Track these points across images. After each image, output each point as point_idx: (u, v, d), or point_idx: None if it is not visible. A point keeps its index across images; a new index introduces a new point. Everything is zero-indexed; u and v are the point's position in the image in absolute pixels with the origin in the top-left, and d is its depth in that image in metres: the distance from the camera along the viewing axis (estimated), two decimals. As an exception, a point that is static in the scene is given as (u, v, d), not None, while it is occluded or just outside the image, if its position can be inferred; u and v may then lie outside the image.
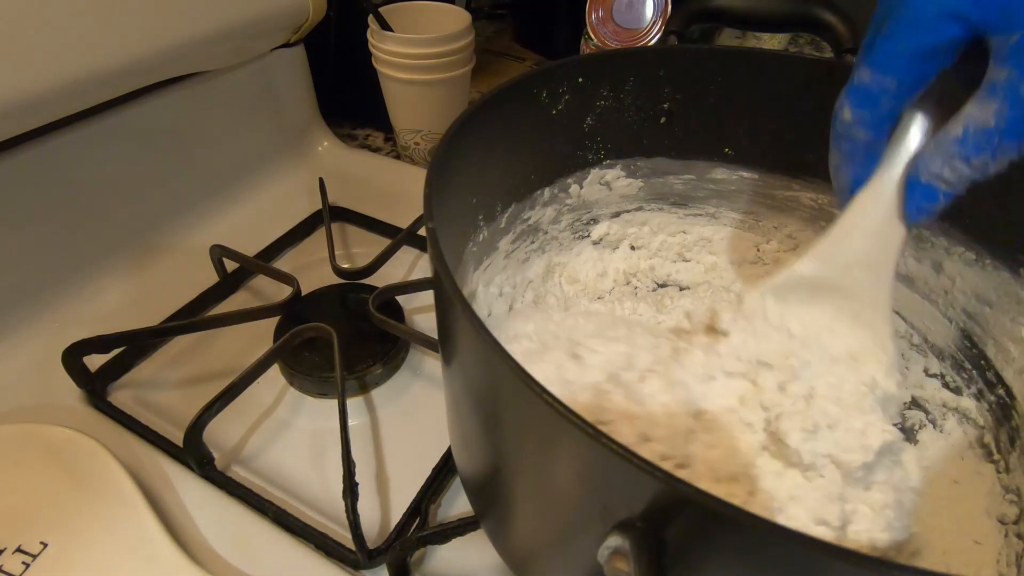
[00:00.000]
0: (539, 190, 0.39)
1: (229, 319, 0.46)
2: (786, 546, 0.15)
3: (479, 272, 0.36)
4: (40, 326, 0.47)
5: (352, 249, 0.58)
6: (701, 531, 0.16)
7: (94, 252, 0.51)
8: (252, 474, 0.40)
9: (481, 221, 0.35)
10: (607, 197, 0.43)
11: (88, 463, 0.36)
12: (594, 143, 0.40)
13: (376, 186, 0.65)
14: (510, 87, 0.32)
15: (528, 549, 0.28)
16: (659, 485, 0.15)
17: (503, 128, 0.33)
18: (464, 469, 0.33)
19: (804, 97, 0.38)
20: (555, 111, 0.36)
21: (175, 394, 0.45)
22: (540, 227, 0.41)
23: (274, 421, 0.43)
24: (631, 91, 0.38)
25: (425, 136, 0.67)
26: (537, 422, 0.20)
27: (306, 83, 0.67)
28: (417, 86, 0.62)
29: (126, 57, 0.44)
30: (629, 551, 0.16)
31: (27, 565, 0.32)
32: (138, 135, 0.52)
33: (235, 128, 0.61)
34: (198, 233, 0.56)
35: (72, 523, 0.34)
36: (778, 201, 0.42)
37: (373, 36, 0.61)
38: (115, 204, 0.52)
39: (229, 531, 0.36)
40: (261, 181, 0.63)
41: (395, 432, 0.43)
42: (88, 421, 0.41)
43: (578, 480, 0.19)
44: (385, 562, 0.35)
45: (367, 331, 0.46)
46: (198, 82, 0.56)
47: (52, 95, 0.41)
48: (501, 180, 0.36)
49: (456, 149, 0.28)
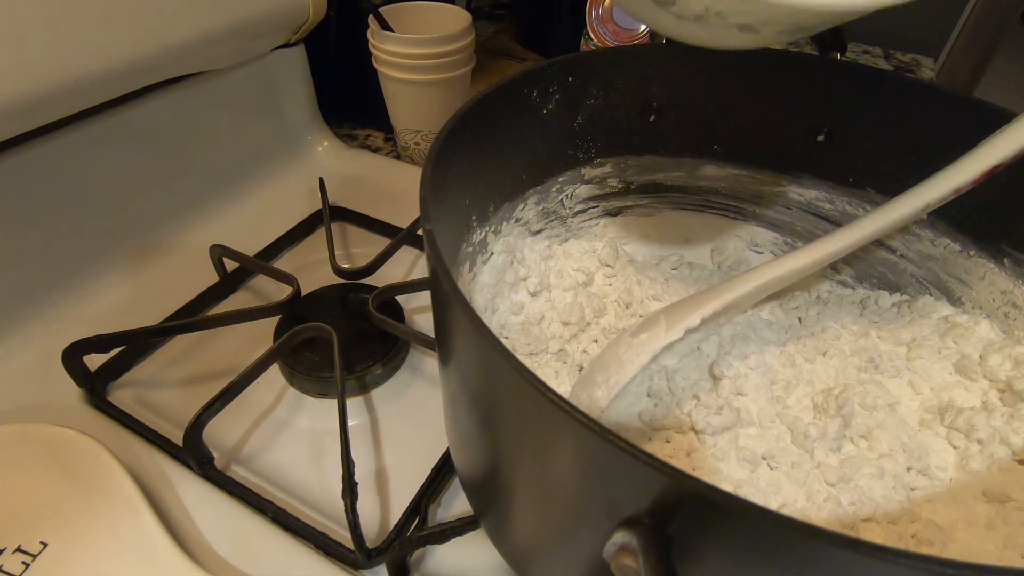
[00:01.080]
0: (530, 189, 0.39)
1: (229, 319, 0.46)
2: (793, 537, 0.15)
3: (474, 272, 0.37)
4: (40, 326, 0.46)
5: (352, 249, 0.58)
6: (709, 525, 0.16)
7: (94, 252, 0.50)
8: (252, 474, 0.40)
9: (475, 221, 0.35)
10: (598, 195, 0.43)
11: (88, 463, 0.36)
12: (584, 142, 0.40)
13: (376, 186, 0.65)
14: (500, 88, 0.32)
15: (530, 547, 0.28)
16: (667, 481, 0.15)
17: (494, 129, 0.33)
18: (463, 469, 0.33)
19: (793, 93, 0.38)
20: (545, 110, 0.36)
21: (175, 394, 0.44)
22: (531, 226, 0.41)
23: (274, 421, 0.43)
24: (620, 90, 0.39)
25: (425, 136, 0.67)
26: (541, 420, 0.20)
27: (306, 83, 0.67)
28: (417, 86, 0.62)
29: (126, 57, 0.44)
30: (637, 547, 0.16)
31: (27, 565, 0.32)
32: (138, 135, 0.52)
33: (235, 128, 0.61)
34: (198, 233, 0.56)
35: (72, 523, 0.34)
36: (767, 197, 0.43)
37: (373, 36, 0.61)
38: (115, 204, 0.51)
39: (229, 531, 0.36)
40: (261, 181, 0.63)
41: (395, 432, 0.43)
42: (88, 421, 0.41)
43: (584, 478, 0.19)
44: (384, 562, 0.34)
45: (367, 331, 0.46)
46: (198, 82, 0.56)
47: (52, 95, 0.41)
48: (493, 180, 0.36)
49: (449, 151, 0.28)
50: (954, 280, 0.38)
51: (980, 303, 0.37)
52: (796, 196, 0.42)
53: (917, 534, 0.29)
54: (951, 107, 0.34)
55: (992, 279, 0.36)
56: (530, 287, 0.41)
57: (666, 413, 0.35)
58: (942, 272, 0.38)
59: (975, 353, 0.36)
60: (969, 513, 0.30)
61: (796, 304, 0.41)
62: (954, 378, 0.36)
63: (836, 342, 0.38)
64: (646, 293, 0.41)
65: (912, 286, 0.40)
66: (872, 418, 0.34)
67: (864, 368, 0.37)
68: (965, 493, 0.31)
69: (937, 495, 0.31)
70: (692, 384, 0.36)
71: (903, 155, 0.36)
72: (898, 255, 0.40)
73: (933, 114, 0.35)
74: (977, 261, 0.36)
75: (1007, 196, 0.33)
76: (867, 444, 0.33)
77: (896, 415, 0.34)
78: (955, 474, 0.32)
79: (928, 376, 0.36)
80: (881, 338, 0.38)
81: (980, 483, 0.31)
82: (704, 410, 0.34)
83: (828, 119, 0.38)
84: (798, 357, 0.37)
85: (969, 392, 0.35)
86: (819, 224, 0.42)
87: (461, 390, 0.26)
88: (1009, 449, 0.32)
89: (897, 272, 0.40)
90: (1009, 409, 0.33)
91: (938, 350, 0.37)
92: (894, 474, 0.32)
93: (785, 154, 0.41)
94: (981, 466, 0.32)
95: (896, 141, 0.37)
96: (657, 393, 0.36)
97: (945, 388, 0.35)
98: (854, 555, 0.14)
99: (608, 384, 0.31)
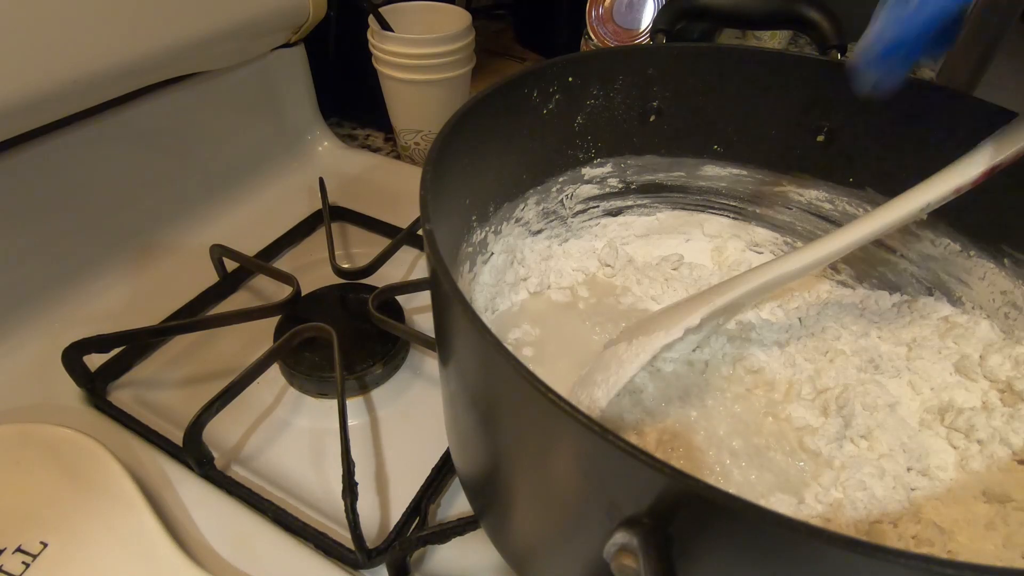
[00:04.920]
0: (530, 189, 0.39)
1: (229, 319, 0.46)
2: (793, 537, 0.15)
3: (474, 272, 0.37)
4: (40, 326, 0.46)
5: (352, 249, 0.58)
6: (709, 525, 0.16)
7: (94, 252, 0.50)
8: (252, 474, 0.40)
9: (475, 221, 0.35)
10: (598, 195, 0.43)
11: (88, 463, 0.36)
12: (584, 142, 0.40)
13: (376, 186, 0.65)
14: (500, 88, 0.32)
15: (530, 547, 0.28)
16: (667, 481, 0.15)
17: (494, 129, 0.33)
18: (463, 469, 0.33)
19: (793, 93, 0.38)
20: (545, 111, 0.36)
21: (175, 394, 0.44)
22: (531, 226, 0.41)
23: (274, 421, 0.43)
24: (620, 89, 0.39)
25: (425, 136, 0.67)
26: (542, 421, 0.20)
27: (306, 83, 0.67)
28: (417, 86, 0.62)
29: (126, 57, 0.44)
30: (637, 547, 0.16)
31: (27, 565, 0.32)
32: (138, 135, 0.52)
33: (235, 128, 0.61)
34: (198, 233, 0.56)
35: (72, 523, 0.34)
36: (767, 197, 0.43)
37: (373, 36, 0.61)
38: (115, 204, 0.52)
39: (229, 531, 0.36)
40: (261, 181, 0.63)
41: (395, 432, 0.43)
42: (88, 421, 0.41)
43: (584, 478, 0.19)
44: (384, 562, 0.34)
45: (367, 331, 0.46)
46: (198, 82, 0.56)
47: (52, 95, 0.41)
48: (493, 180, 0.36)
49: (449, 151, 0.28)
50: (954, 280, 0.38)
51: (980, 303, 0.37)
52: (796, 196, 0.42)
53: (917, 534, 0.29)
54: (951, 107, 0.34)
55: (992, 279, 0.36)
56: (530, 287, 0.41)
57: (664, 413, 0.35)
58: (942, 272, 0.38)
59: (975, 353, 0.36)
60: (969, 513, 0.30)
61: (796, 304, 0.41)
62: (954, 378, 0.36)
63: (836, 342, 0.38)
64: (646, 293, 0.41)
65: (912, 286, 0.40)
66: (872, 418, 0.34)
67: (864, 368, 0.37)
68: (965, 493, 0.31)
69: (937, 495, 0.31)
70: (691, 384, 0.36)
71: (903, 155, 0.36)
72: (898, 255, 0.40)
73: (933, 114, 0.35)
74: (977, 261, 0.36)
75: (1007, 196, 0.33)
76: (867, 444, 0.33)
77: (896, 415, 0.34)
78: (955, 474, 0.32)
79: (928, 376, 0.36)
80: (881, 338, 0.38)
81: (980, 483, 0.31)
82: (703, 410, 0.34)
83: (828, 119, 0.38)
84: (798, 357, 0.37)
85: (969, 392, 0.35)
86: (819, 224, 0.42)
87: (461, 390, 0.26)
88: (1009, 449, 0.32)
89: (897, 272, 0.40)
90: (1009, 409, 0.33)
91: (938, 350, 0.37)
92: (894, 474, 0.32)
93: (785, 154, 0.41)
94: (981, 466, 0.32)
95: (896, 141, 0.37)
96: (652, 393, 0.36)
97: (945, 388, 0.35)
98: (854, 555, 0.14)
99: (608, 384, 0.31)
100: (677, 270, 0.44)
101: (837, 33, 0.39)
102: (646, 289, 0.42)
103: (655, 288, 0.42)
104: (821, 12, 0.39)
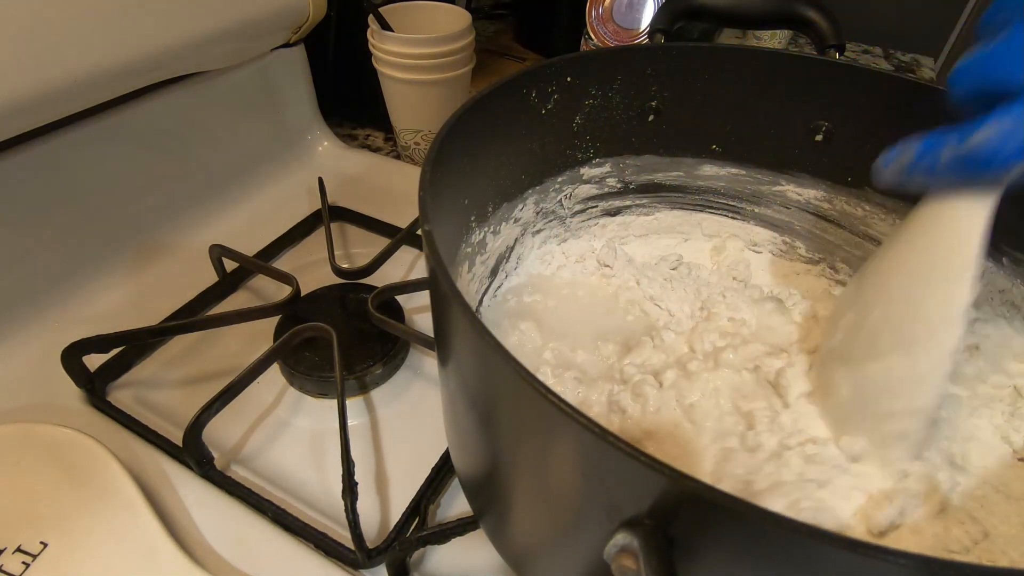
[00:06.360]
0: (529, 189, 0.39)
1: (229, 319, 0.46)
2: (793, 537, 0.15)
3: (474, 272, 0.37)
4: (40, 326, 0.46)
5: (352, 249, 0.58)
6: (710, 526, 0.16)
7: (94, 252, 0.50)
8: (251, 474, 0.40)
9: (474, 222, 0.35)
10: (596, 195, 0.43)
11: (88, 463, 0.36)
12: (583, 142, 0.40)
13: (376, 186, 0.65)
14: (500, 88, 0.32)
15: (530, 548, 0.28)
16: (667, 482, 0.15)
17: (493, 129, 0.33)
18: (463, 469, 0.33)
19: (792, 93, 0.38)
20: (544, 111, 0.36)
21: (175, 394, 0.44)
22: (530, 226, 0.41)
23: (274, 421, 0.43)
24: (619, 89, 0.39)
25: (425, 136, 0.67)
26: (541, 421, 0.20)
27: (306, 83, 0.67)
28: (417, 86, 0.62)
29: (126, 57, 0.44)
30: (638, 548, 0.16)
31: (27, 565, 0.32)
32: (138, 135, 0.52)
33: (235, 128, 0.61)
34: (198, 233, 0.56)
35: (72, 523, 0.34)
36: (765, 196, 0.43)
37: (373, 36, 0.61)
38: (115, 204, 0.51)
39: (229, 531, 0.36)
40: (261, 181, 0.63)
41: (394, 432, 0.43)
42: (88, 421, 0.41)
43: (584, 479, 0.19)
44: (384, 562, 0.35)
45: (367, 331, 0.46)
46: (198, 82, 0.56)
47: (52, 95, 0.41)
48: (492, 180, 0.36)
49: (449, 151, 0.28)
50: (953, 280, 0.38)
51: (978, 302, 0.37)
52: (795, 195, 0.42)
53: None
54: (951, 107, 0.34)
55: (991, 279, 0.36)
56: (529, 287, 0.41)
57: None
58: (942, 271, 0.38)
59: None
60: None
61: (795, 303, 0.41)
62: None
63: None
64: (645, 293, 0.41)
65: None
66: None
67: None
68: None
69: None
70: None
71: (903, 155, 0.36)
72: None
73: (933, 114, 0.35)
74: (976, 260, 0.36)
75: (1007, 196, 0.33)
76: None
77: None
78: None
79: None
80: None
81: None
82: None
83: (827, 119, 0.38)
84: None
85: None
86: (818, 223, 0.42)
87: (460, 390, 0.26)
88: (1010, 447, 0.32)
89: (897, 272, 0.40)
90: (1009, 408, 0.33)
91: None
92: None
93: (784, 154, 0.41)
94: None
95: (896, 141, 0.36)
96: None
97: None
98: (854, 555, 0.14)
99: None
100: (676, 270, 0.44)
101: (836, 33, 0.39)
102: (645, 289, 0.42)
103: (654, 288, 0.42)
104: (820, 12, 0.39)
